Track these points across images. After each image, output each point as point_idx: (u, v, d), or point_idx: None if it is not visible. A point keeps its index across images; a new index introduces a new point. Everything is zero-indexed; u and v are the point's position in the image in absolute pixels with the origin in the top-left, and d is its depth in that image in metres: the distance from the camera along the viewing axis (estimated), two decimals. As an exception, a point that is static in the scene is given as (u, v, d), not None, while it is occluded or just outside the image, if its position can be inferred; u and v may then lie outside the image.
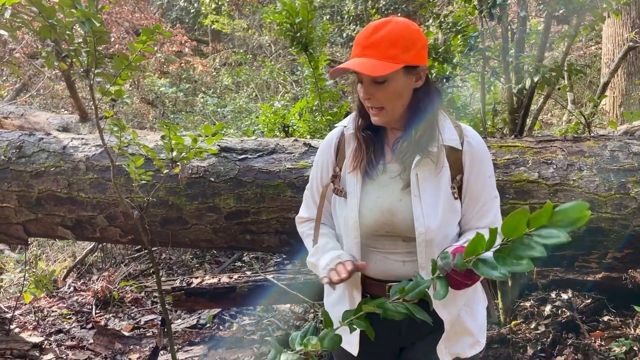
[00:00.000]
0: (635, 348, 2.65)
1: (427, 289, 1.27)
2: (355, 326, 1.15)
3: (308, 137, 3.86)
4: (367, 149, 1.46)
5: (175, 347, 2.97)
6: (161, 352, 3.11)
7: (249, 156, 2.68)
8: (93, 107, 2.49)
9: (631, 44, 4.73)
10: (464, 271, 1.21)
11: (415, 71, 1.38)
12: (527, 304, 3.21)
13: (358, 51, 1.36)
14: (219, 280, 3.52)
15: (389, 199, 1.43)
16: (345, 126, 1.54)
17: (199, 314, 3.97)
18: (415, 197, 1.40)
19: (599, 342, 2.82)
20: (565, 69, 2.78)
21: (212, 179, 2.63)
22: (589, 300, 3.17)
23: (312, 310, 3.57)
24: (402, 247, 1.45)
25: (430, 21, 3.52)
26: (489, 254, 1.00)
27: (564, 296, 3.24)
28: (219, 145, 2.70)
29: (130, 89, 8.69)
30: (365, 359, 1.55)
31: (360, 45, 1.36)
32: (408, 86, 1.38)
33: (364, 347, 1.52)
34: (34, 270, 4.58)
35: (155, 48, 8.64)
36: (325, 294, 1.63)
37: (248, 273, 3.57)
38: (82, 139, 2.93)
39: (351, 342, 1.54)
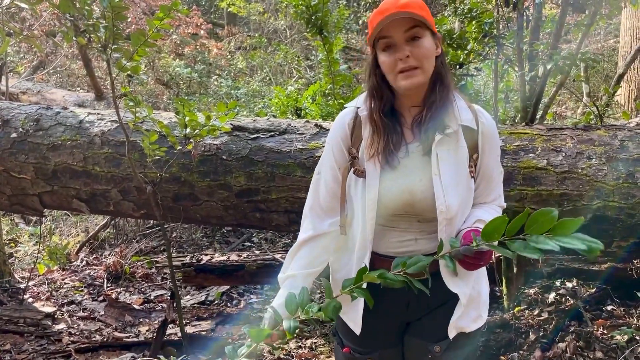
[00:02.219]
0: (637, 337, 2.67)
1: (427, 264, 1.31)
2: (355, 295, 1.18)
3: (320, 120, 3.88)
4: (384, 133, 1.45)
5: (184, 321, 3.04)
6: (170, 325, 3.19)
7: (261, 136, 2.72)
8: (109, 84, 2.54)
9: (649, 36, 4.68)
10: (472, 254, 1.27)
11: (436, 37, 1.42)
12: (532, 291, 3.24)
13: (390, 13, 1.36)
14: (228, 258, 3.59)
15: (408, 178, 1.43)
16: (358, 107, 1.52)
17: (208, 290, 4.04)
18: (435, 177, 1.41)
19: (602, 330, 2.84)
20: (580, 57, 2.77)
21: (224, 157, 2.67)
22: (593, 290, 3.19)
23: (318, 291, 3.62)
24: (416, 226, 1.47)
25: (448, 9, 3.52)
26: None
27: (569, 285, 3.27)
28: (231, 124, 2.74)
29: (145, 69, 8.75)
30: (372, 334, 1.55)
31: (391, 8, 1.36)
32: (434, 50, 1.42)
33: (371, 323, 1.52)
34: (48, 243, 4.68)
35: (171, 30, 8.66)
36: (333, 270, 1.64)
37: (257, 252, 3.63)
38: (98, 114, 2.98)
39: (355, 320, 1.53)
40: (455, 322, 1.48)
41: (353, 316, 1.53)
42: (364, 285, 1.24)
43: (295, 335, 1.29)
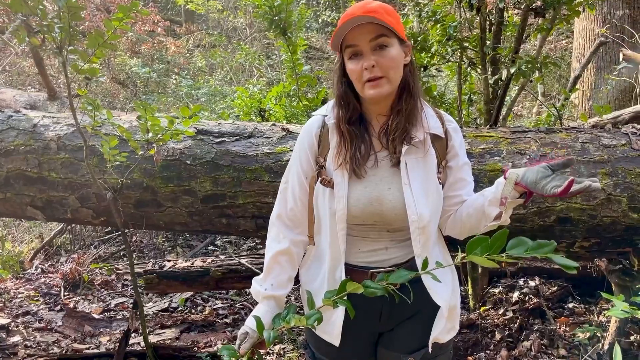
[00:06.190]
0: (598, 334, 2.75)
1: (411, 277, 1.30)
2: (339, 304, 1.17)
3: (284, 122, 3.84)
4: (352, 142, 1.43)
5: (147, 330, 2.95)
6: (133, 334, 3.09)
7: (226, 139, 2.65)
8: (65, 85, 2.43)
9: (602, 39, 4.83)
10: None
11: (404, 45, 1.41)
12: (496, 290, 3.30)
13: (355, 16, 1.33)
14: (192, 264, 3.51)
15: (377, 188, 1.42)
16: (325, 115, 1.50)
17: (171, 297, 3.94)
18: (405, 186, 1.40)
19: (564, 328, 2.91)
20: (540, 61, 2.83)
21: (188, 162, 2.60)
22: (555, 288, 3.27)
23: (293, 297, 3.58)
24: (386, 236, 1.46)
25: (408, 8, 3.53)
26: None
27: (532, 283, 3.34)
28: (195, 128, 2.67)
29: (101, 68, 8.48)
30: (345, 347, 1.51)
31: (357, 12, 1.33)
32: (401, 59, 1.40)
33: (344, 335, 1.49)
34: (0, 250, 4.47)
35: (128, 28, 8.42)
36: (304, 282, 1.61)
37: (222, 257, 3.56)
38: (53, 117, 2.85)
39: (331, 333, 1.49)
40: (433, 334, 1.47)
41: (329, 329, 1.50)
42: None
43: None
